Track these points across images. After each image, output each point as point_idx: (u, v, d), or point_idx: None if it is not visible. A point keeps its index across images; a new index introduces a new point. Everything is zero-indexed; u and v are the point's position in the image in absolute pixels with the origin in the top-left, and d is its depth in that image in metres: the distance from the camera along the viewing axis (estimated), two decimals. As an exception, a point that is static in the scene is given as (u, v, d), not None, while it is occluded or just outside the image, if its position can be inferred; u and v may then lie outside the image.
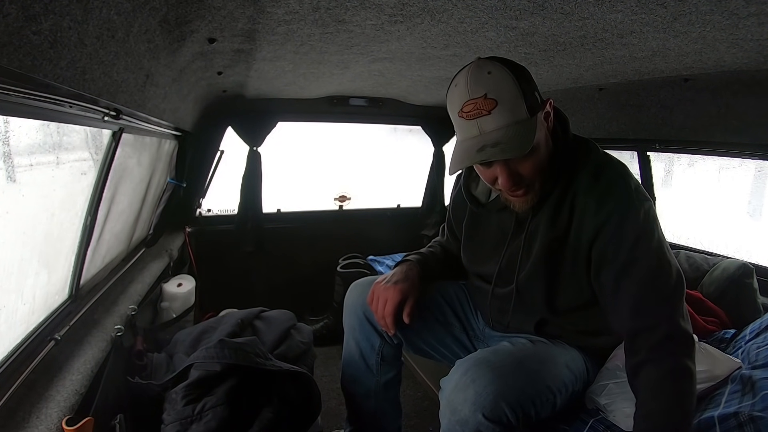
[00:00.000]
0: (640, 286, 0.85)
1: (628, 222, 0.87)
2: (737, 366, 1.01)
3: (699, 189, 2.12)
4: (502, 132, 0.83)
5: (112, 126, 1.09)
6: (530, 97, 0.85)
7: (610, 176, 0.91)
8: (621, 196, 0.89)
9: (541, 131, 0.87)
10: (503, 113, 0.82)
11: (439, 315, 1.20)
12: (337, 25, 0.99)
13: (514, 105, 0.83)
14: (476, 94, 0.83)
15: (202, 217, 2.37)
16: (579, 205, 0.91)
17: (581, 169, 0.92)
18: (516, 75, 0.84)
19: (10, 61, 0.51)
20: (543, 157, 0.89)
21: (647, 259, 0.85)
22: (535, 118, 0.85)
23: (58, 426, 0.76)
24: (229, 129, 2.23)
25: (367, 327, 1.17)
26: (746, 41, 0.95)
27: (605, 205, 0.88)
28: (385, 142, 3.56)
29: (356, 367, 1.19)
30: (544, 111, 0.89)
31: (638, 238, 0.86)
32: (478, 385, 0.85)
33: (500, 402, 0.84)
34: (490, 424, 0.84)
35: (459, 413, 0.86)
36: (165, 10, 0.80)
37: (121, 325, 1.15)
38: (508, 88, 0.83)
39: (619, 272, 0.87)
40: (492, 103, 0.82)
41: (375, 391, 1.19)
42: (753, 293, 1.44)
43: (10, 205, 0.81)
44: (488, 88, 0.82)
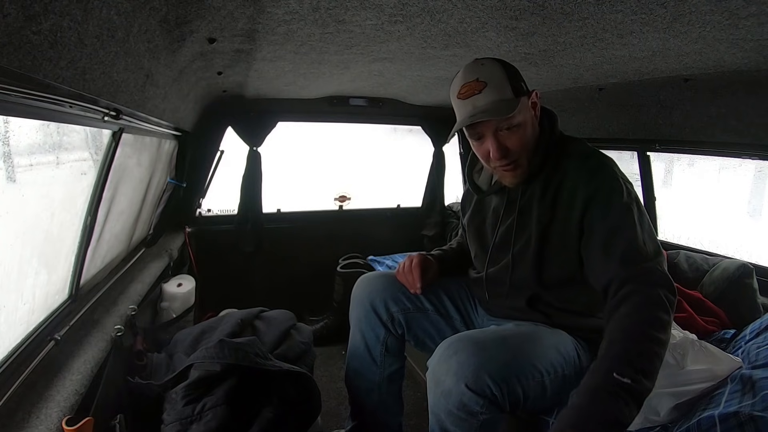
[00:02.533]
0: (630, 242, 0.92)
1: (616, 194, 0.96)
2: (738, 365, 1.01)
3: (699, 189, 2.12)
4: (490, 104, 0.98)
5: (112, 126, 1.09)
6: (516, 83, 1.00)
7: (597, 160, 1.02)
8: (608, 175, 0.99)
9: (526, 113, 1.01)
10: (491, 91, 0.98)
11: (441, 307, 1.23)
12: (337, 25, 0.99)
13: (500, 86, 0.98)
14: (470, 78, 1.00)
15: (202, 217, 2.37)
16: (568, 183, 1.00)
17: (569, 156, 1.03)
18: (505, 66, 1.00)
19: (10, 61, 0.51)
20: (528, 136, 1.02)
21: (635, 222, 0.93)
22: (519, 100, 0.98)
23: (58, 426, 0.76)
24: (229, 129, 2.23)
25: (373, 318, 1.20)
26: (746, 41, 0.95)
27: (594, 181, 0.97)
28: (385, 142, 3.56)
29: (361, 360, 1.23)
30: (530, 99, 1.03)
31: (626, 205, 0.94)
32: (461, 356, 0.89)
33: (482, 373, 0.86)
34: (474, 395, 0.86)
35: (442, 384, 0.90)
36: (165, 10, 0.80)
37: (121, 325, 1.15)
38: (496, 73, 0.99)
39: (611, 229, 0.94)
40: (482, 84, 0.98)
41: (379, 384, 1.22)
42: (753, 293, 1.44)
43: (10, 205, 0.81)
44: (480, 74, 0.99)
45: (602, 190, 0.96)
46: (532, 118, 1.03)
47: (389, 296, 1.20)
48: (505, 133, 1.00)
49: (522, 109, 0.99)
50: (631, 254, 0.91)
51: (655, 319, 0.83)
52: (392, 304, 1.20)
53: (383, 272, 1.32)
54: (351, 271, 2.27)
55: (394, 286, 1.22)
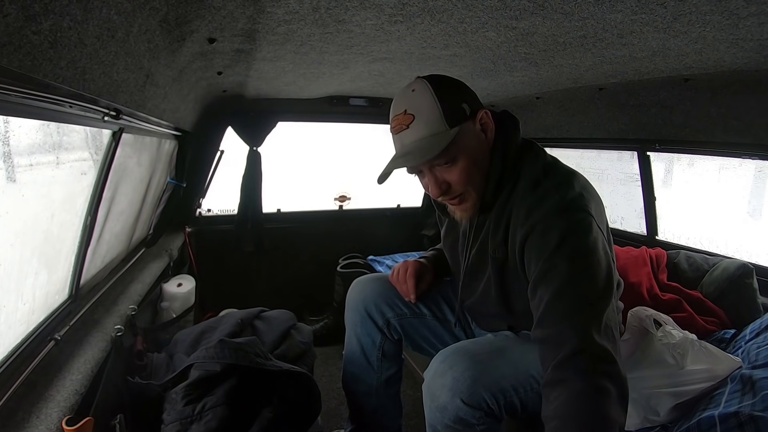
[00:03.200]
0: (552, 294, 0.78)
1: (551, 231, 0.82)
2: (738, 365, 1.01)
3: (699, 189, 2.12)
4: (416, 144, 0.87)
5: (112, 126, 1.09)
6: (451, 110, 0.87)
7: (545, 186, 0.88)
8: (552, 204, 0.84)
9: (469, 141, 0.89)
10: (419, 127, 0.87)
11: (438, 312, 1.22)
12: (337, 25, 0.99)
13: (430, 118, 0.86)
14: (398, 111, 0.90)
15: (202, 217, 2.37)
16: (514, 215, 0.90)
17: (523, 179, 0.91)
18: (438, 90, 0.87)
19: (10, 61, 0.51)
20: (471, 167, 0.89)
21: (567, 266, 0.79)
22: (457, 129, 0.86)
23: (58, 426, 0.76)
24: (229, 129, 2.23)
25: (369, 323, 1.18)
26: (746, 41, 0.95)
27: (531, 216, 0.85)
28: (385, 142, 3.56)
29: (358, 364, 1.21)
30: (478, 121, 0.90)
31: (561, 243, 0.80)
32: (456, 371, 0.87)
33: (478, 387, 0.85)
34: (470, 409, 0.85)
35: (438, 399, 0.89)
36: (165, 10, 0.80)
37: (121, 325, 1.15)
38: (426, 103, 0.87)
39: (538, 279, 0.82)
40: (410, 117, 0.87)
41: (376, 388, 1.21)
42: (753, 293, 1.44)
43: (10, 205, 0.81)
44: (408, 105, 0.88)
45: (536, 230, 0.84)
46: (480, 144, 0.91)
47: (384, 301, 1.18)
48: (443, 168, 0.89)
49: (462, 139, 0.87)
50: (549, 313, 0.78)
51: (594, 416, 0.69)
52: (388, 309, 1.18)
53: (378, 275, 1.30)
54: (351, 271, 2.27)
55: (390, 290, 1.20)
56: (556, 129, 2.15)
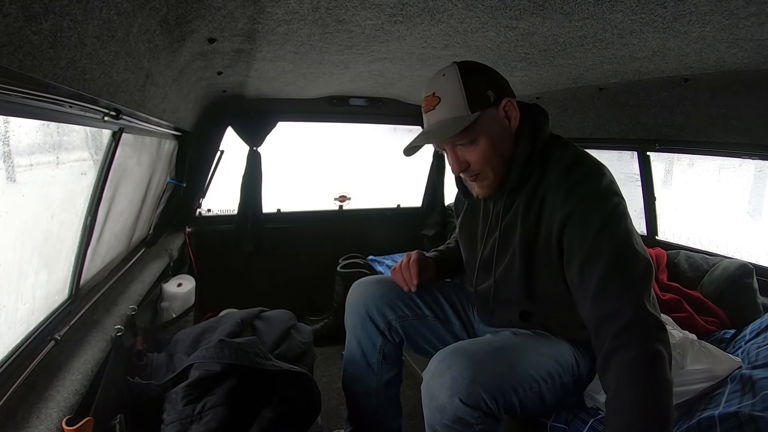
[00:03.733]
0: (604, 272, 0.85)
1: (594, 212, 0.88)
2: (738, 365, 1.01)
3: (699, 189, 2.12)
4: (439, 124, 0.95)
5: (112, 126, 1.09)
6: (475, 96, 0.93)
7: (581, 172, 0.94)
8: (589, 189, 0.91)
9: (490, 127, 0.95)
10: (443, 109, 0.95)
11: (440, 313, 1.21)
12: (337, 25, 0.99)
13: (454, 102, 0.93)
14: (428, 92, 0.98)
15: (202, 217, 2.37)
16: (549, 198, 0.94)
17: (554, 165, 0.97)
18: (465, 76, 0.93)
19: (10, 61, 0.51)
20: (490, 150, 0.96)
21: (612, 247, 0.86)
22: (477, 114, 0.92)
23: (58, 426, 0.76)
24: (229, 129, 2.23)
25: (369, 325, 1.18)
26: (746, 41, 0.95)
27: (573, 197, 0.90)
28: (385, 142, 3.55)
29: (358, 366, 1.21)
30: (501, 109, 0.96)
31: (603, 226, 0.87)
32: (454, 370, 0.87)
33: (476, 387, 0.85)
34: (468, 409, 0.85)
35: (436, 399, 0.89)
36: (165, 10, 0.80)
37: (121, 325, 1.15)
38: (452, 87, 0.93)
39: (584, 260, 0.87)
40: (437, 100, 0.95)
41: (376, 390, 1.21)
42: (753, 293, 1.44)
43: (10, 205, 0.81)
44: (436, 88, 0.96)
45: (577, 212, 0.89)
46: (502, 130, 0.96)
47: (385, 303, 1.18)
48: (464, 148, 0.96)
49: (482, 124, 0.93)
50: (605, 290, 0.84)
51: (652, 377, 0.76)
52: (389, 311, 1.17)
53: (379, 277, 1.29)
54: (351, 271, 2.27)
55: (391, 292, 1.19)
56: (556, 129, 2.13)
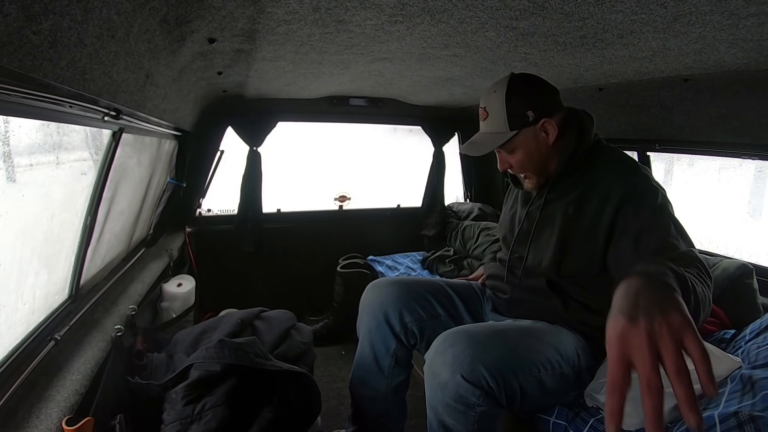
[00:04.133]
0: (662, 239, 0.91)
1: (649, 195, 0.98)
2: (738, 365, 1.01)
3: (699, 189, 2.12)
4: (484, 136, 1.12)
5: (112, 126, 1.09)
6: (516, 116, 1.07)
7: (631, 164, 1.07)
8: (643, 177, 1.02)
9: (528, 140, 1.08)
10: (489, 123, 1.11)
11: (453, 311, 1.24)
12: (337, 25, 0.99)
13: (497, 119, 1.08)
14: (482, 105, 1.13)
15: (202, 217, 2.37)
16: (601, 182, 1.04)
17: (602, 159, 1.08)
18: (510, 97, 1.06)
19: (10, 61, 0.51)
20: (526, 159, 1.11)
21: (671, 221, 0.95)
22: (515, 132, 1.07)
23: (58, 426, 0.76)
24: (229, 129, 2.23)
25: (385, 329, 1.19)
26: (746, 41, 0.95)
27: (629, 181, 1.01)
28: (385, 142, 3.56)
29: (368, 369, 1.22)
30: (540, 127, 1.08)
31: (661, 207, 0.97)
32: (456, 348, 0.92)
33: (478, 364, 0.89)
34: (470, 386, 0.88)
35: (439, 376, 0.92)
36: (165, 10, 0.80)
37: (121, 325, 1.15)
38: (497, 107, 1.08)
39: (641, 229, 0.94)
40: (485, 114, 1.12)
41: (384, 394, 1.22)
42: (753, 294, 1.44)
43: (10, 205, 0.81)
44: (487, 103, 1.11)
45: (636, 191, 0.99)
46: (539, 144, 1.09)
47: (404, 306, 1.19)
48: (505, 155, 1.12)
49: (520, 138, 1.07)
50: (662, 249, 0.90)
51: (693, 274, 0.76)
52: (407, 314, 1.19)
53: (394, 279, 1.31)
54: (351, 271, 2.27)
55: (407, 294, 1.21)
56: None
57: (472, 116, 2.65)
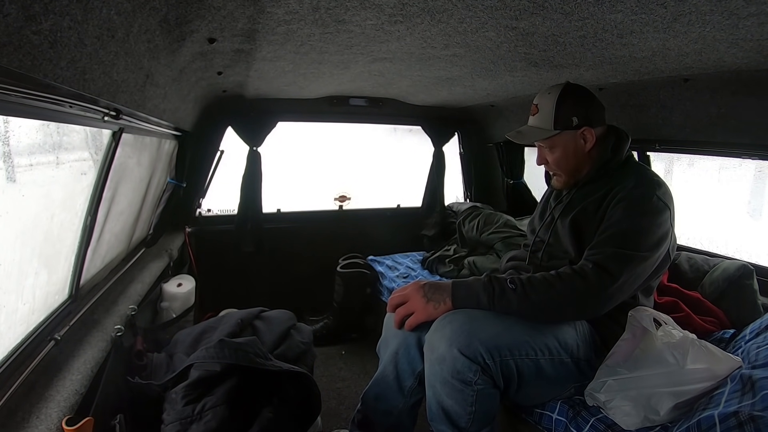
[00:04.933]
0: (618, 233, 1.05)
1: (645, 201, 1.07)
2: (738, 365, 1.01)
3: (699, 189, 2.12)
4: (531, 129, 1.23)
5: (112, 126, 1.09)
6: (562, 118, 1.18)
7: (648, 178, 1.15)
8: (650, 189, 1.10)
9: (567, 143, 1.20)
10: (537, 118, 1.22)
11: None
12: (337, 25, 0.99)
13: (545, 116, 1.20)
14: (535, 102, 1.23)
15: (202, 217, 2.37)
16: (615, 188, 1.13)
17: (630, 170, 1.19)
18: (561, 100, 1.18)
19: (10, 61, 0.51)
20: (563, 160, 1.21)
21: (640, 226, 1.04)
22: (558, 132, 1.18)
23: (58, 426, 0.76)
24: (229, 129, 2.23)
25: (414, 352, 1.17)
26: (746, 41, 0.95)
27: (637, 186, 1.10)
28: (385, 142, 3.56)
29: (387, 387, 1.20)
30: (580, 134, 1.18)
31: (641, 213, 1.05)
32: (454, 324, 0.99)
33: (474, 340, 0.95)
34: (467, 360, 0.93)
35: (437, 350, 0.98)
36: (165, 10, 0.80)
37: (121, 325, 1.15)
38: (548, 104, 1.19)
39: (612, 222, 1.07)
40: (536, 109, 1.23)
41: (400, 410, 1.20)
42: (753, 294, 1.44)
43: (10, 205, 0.81)
44: (540, 101, 1.22)
45: (633, 194, 1.08)
46: (576, 148, 1.20)
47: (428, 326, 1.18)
48: (545, 150, 1.24)
49: (560, 139, 1.19)
50: (597, 245, 1.05)
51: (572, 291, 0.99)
52: None
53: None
54: (351, 271, 2.27)
55: None
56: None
57: (472, 116, 2.67)
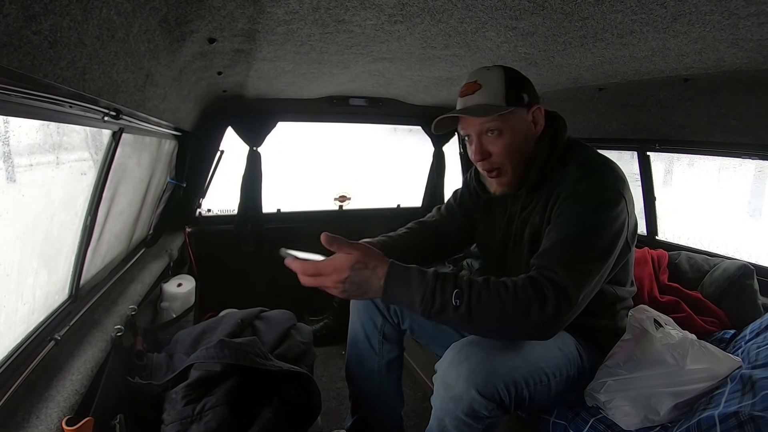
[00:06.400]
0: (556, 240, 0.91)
1: (589, 196, 0.94)
2: (738, 365, 1.01)
3: (699, 189, 2.12)
4: (475, 106, 1.01)
5: (112, 126, 1.09)
6: (513, 93, 0.99)
7: (591, 167, 1.00)
8: (594, 179, 0.96)
9: (518, 124, 1.01)
10: (483, 94, 1.00)
11: None
12: (337, 25, 0.99)
13: (494, 91, 0.99)
14: (470, 80, 1.03)
15: (202, 217, 2.37)
16: (562, 185, 0.99)
17: (571, 163, 1.02)
18: (508, 76, 1.00)
19: (10, 61, 0.51)
20: (513, 145, 1.01)
21: (579, 228, 0.91)
22: (512, 109, 0.98)
23: (58, 426, 0.76)
24: (229, 129, 2.23)
25: (371, 307, 1.24)
26: (746, 41, 0.95)
27: (577, 184, 0.96)
28: (385, 142, 3.56)
29: (360, 347, 1.26)
30: (531, 112, 1.02)
31: (586, 211, 0.92)
32: (472, 361, 0.89)
33: (493, 378, 0.87)
34: (484, 401, 0.87)
35: (453, 389, 0.89)
36: (165, 10, 0.80)
37: (121, 325, 1.15)
38: (494, 80, 1.00)
39: (555, 227, 0.94)
40: (478, 86, 1.01)
41: (378, 372, 1.25)
42: (753, 294, 1.44)
43: (10, 205, 0.81)
44: (479, 77, 1.02)
45: (577, 190, 0.95)
46: (527, 131, 1.03)
47: None
48: (489, 138, 1.01)
49: (512, 119, 0.99)
50: (543, 254, 0.90)
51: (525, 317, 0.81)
52: None
53: None
54: (351, 271, 2.27)
55: None
56: (556, 129, 2.15)
57: (472, 116, 2.66)
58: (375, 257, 0.88)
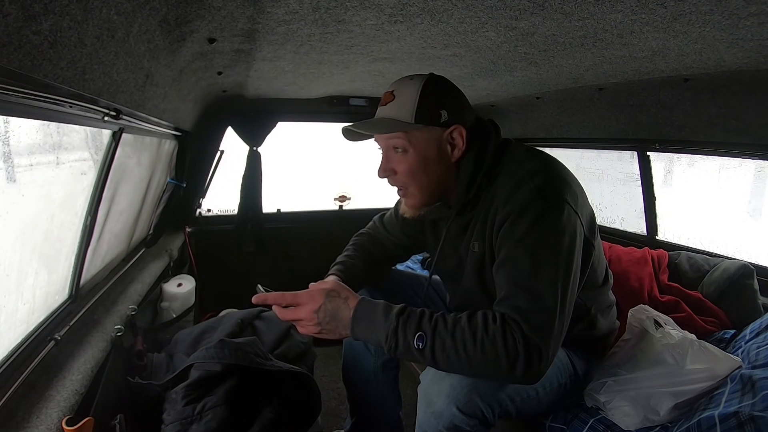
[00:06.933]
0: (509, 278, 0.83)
1: (521, 220, 0.84)
2: (737, 365, 1.01)
3: (699, 189, 2.12)
4: (381, 120, 0.94)
5: (112, 126, 1.09)
6: (426, 109, 0.90)
7: (521, 175, 0.89)
8: (524, 194, 0.86)
9: (429, 143, 0.92)
10: (393, 108, 0.93)
11: (429, 301, 1.26)
12: (337, 25, 0.99)
13: (404, 106, 0.91)
14: (389, 89, 0.96)
15: (202, 217, 2.37)
16: (495, 201, 0.91)
17: (500, 177, 0.93)
18: (426, 88, 0.91)
19: (10, 61, 0.51)
20: (416, 165, 0.93)
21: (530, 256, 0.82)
22: (420, 126, 0.90)
23: (58, 426, 0.76)
24: (229, 129, 2.23)
25: None
26: (746, 41, 0.95)
27: (508, 204, 0.87)
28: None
29: (356, 349, 1.26)
30: (448, 132, 0.92)
31: (524, 237, 0.83)
32: (454, 378, 0.86)
33: (474, 396, 0.85)
34: (465, 417, 0.85)
35: (434, 405, 0.88)
36: (165, 10, 0.80)
37: (121, 325, 1.15)
38: (409, 93, 0.92)
39: (500, 264, 0.86)
40: (392, 97, 0.94)
41: (374, 373, 1.24)
42: (753, 294, 1.44)
43: (10, 205, 0.81)
44: (397, 87, 0.94)
45: (514, 210, 0.86)
46: (439, 153, 0.93)
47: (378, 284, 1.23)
48: (395, 155, 0.94)
49: (420, 138, 0.91)
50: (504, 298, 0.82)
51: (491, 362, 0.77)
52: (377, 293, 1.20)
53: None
54: (351, 271, 2.27)
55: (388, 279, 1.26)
56: (556, 129, 2.15)
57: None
58: (347, 290, 0.90)
